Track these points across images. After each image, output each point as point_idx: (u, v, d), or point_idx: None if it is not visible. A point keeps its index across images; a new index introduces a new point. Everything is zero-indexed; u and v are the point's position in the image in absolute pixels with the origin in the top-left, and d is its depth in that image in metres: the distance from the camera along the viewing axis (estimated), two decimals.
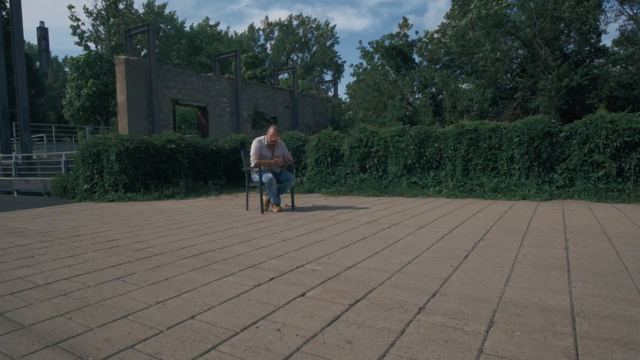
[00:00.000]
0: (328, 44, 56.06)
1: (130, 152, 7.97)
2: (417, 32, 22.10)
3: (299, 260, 2.86)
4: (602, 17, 17.62)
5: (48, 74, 27.67)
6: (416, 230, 3.88)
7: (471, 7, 18.46)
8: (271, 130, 5.37)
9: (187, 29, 43.51)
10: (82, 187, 8.20)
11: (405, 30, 22.29)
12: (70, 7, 16.22)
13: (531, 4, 17.96)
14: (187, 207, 6.40)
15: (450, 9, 21.62)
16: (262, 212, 5.36)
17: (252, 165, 5.35)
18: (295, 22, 55.17)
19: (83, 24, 17.04)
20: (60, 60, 41.86)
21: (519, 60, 20.76)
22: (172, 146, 8.67)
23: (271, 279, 2.46)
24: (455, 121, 15.92)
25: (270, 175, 5.26)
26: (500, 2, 17.83)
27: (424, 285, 2.28)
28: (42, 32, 50.01)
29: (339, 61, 55.98)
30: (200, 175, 9.29)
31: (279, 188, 5.52)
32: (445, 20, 23.61)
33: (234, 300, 2.14)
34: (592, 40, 17.47)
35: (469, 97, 17.90)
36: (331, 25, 55.44)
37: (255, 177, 5.50)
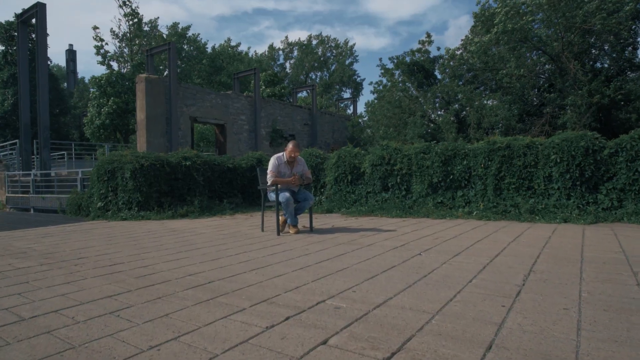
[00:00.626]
0: (347, 62, 56.36)
1: (145, 169, 7.77)
2: (438, 48, 21.74)
3: (319, 294, 2.45)
4: (636, 28, 16.92)
5: (74, 93, 28.37)
6: (451, 258, 3.43)
7: (495, 21, 18.10)
8: (290, 145, 5.03)
9: (209, 49, 44.43)
10: (95, 205, 8.01)
11: (427, 47, 22.01)
12: (95, 27, 16.60)
13: (558, 18, 17.48)
14: (200, 227, 6.08)
15: (473, 25, 21.27)
16: (278, 234, 4.98)
17: (269, 183, 5.00)
18: (314, 42, 55.76)
19: (106, 43, 17.38)
20: (86, 80, 43.16)
21: (546, 75, 20.16)
22: (188, 163, 8.44)
23: (287, 319, 2.06)
24: (481, 138, 15.36)
25: (287, 194, 4.90)
26: (525, 17, 17.41)
27: (474, 332, 1.84)
28: (71, 54, 51.67)
29: (358, 79, 56.10)
30: (216, 194, 9.01)
31: (297, 208, 5.14)
32: (468, 36, 23.23)
33: (240, 348, 1.74)
34: (626, 53, 16.77)
35: (495, 113, 17.34)
36: (350, 44, 55.66)
37: (271, 196, 5.14)
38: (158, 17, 41.37)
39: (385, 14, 76.05)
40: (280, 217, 5.22)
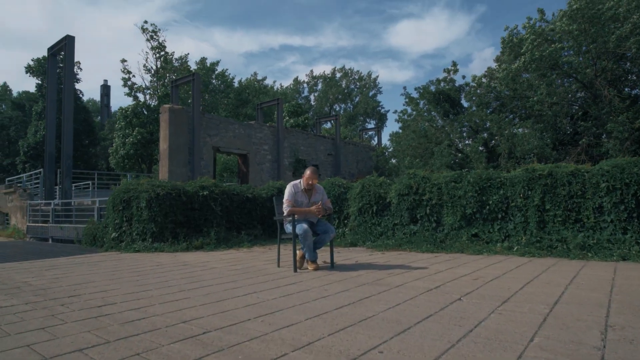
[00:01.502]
0: (371, 94, 56.61)
1: (160, 198, 7.47)
2: (464, 77, 21.32)
3: (336, 355, 1.91)
4: None
5: (105, 125, 29.25)
6: (500, 305, 2.82)
7: (523, 49, 17.60)
8: (308, 172, 4.59)
9: (236, 84, 45.55)
10: (110, 236, 7.73)
11: (452, 75, 21.62)
12: (123, 60, 17.08)
13: (589, 44, 16.85)
14: (212, 261, 5.62)
15: (500, 52, 20.80)
16: (295, 271, 4.46)
17: (285, 213, 4.54)
18: (338, 75, 56.49)
19: (133, 76, 17.80)
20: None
21: (580, 102, 19.31)
22: (205, 193, 8.12)
23: None
24: (513, 168, 14.56)
25: (305, 226, 4.41)
26: (554, 44, 16.86)
27: None
28: (105, 89, 53.93)
29: (382, 110, 56.07)
30: (234, 225, 8.61)
31: (316, 241, 4.64)
32: (494, 65, 22.78)
33: None
34: None
35: (527, 141, 16.55)
36: (374, 76, 56.10)
37: (288, 228, 4.67)
38: (188, 54, 42.88)
39: (408, 48, 76.90)
40: (297, 252, 4.72)
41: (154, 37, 17.99)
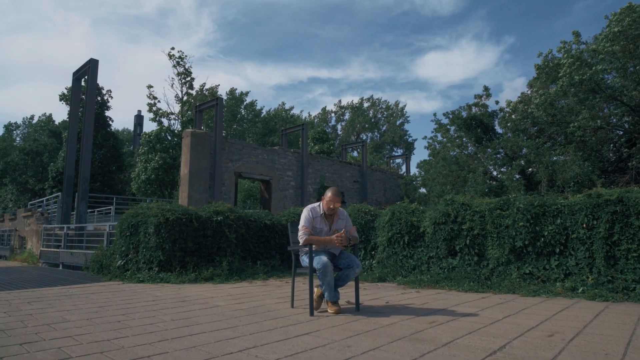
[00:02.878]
0: (398, 122, 56.01)
1: (170, 224, 6.83)
2: (497, 102, 20.30)
3: None
4: None
5: (135, 153, 29.59)
6: None
7: (560, 74, 16.59)
8: (329, 194, 3.81)
9: (264, 113, 45.98)
10: (115, 264, 7.10)
11: (484, 100, 20.68)
12: (149, 86, 17.13)
13: (635, 66, 15.70)
14: (218, 297, 4.84)
15: (534, 77, 19.78)
16: (312, 314, 3.61)
17: (300, 243, 3.74)
18: (366, 105, 56.40)
19: (159, 101, 17.82)
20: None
21: (626, 127, 17.90)
22: (219, 218, 7.44)
23: None
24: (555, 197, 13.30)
25: (324, 258, 3.59)
26: (595, 66, 15.80)
27: None
28: (138, 119, 55.65)
29: (410, 139, 55.20)
30: (250, 254, 7.85)
31: (338, 278, 3.79)
32: (527, 91, 21.79)
33: None
34: None
35: (570, 169, 15.29)
36: (401, 105, 55.62)
37: (304, 260, 3.86)
38: (219, 85, 43.80)
39: (436, 79, 76.50)
40: (315, 289, 3.88)
41: (180, 63, 18.06)
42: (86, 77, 12.66)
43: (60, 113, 77.76)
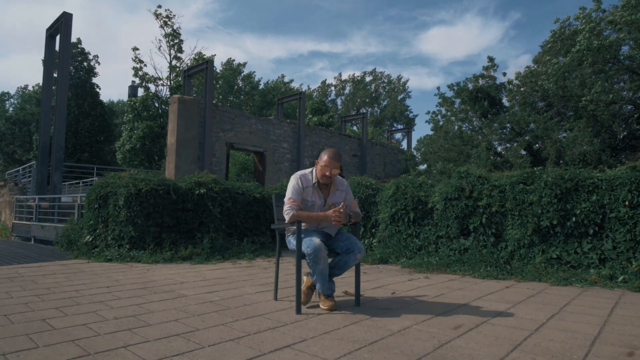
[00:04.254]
0: (399, 98, 54.69)
1: (143, 195, 5.98)
2: (504, 74, 19.18)
3: None
4: None
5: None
6: None
7: (578, 38, 15.48)
8: (325, 157, 2.93)
9: (262, 85, 44.49)
10: (83, 240, 6.29)
11: (492, 72, 19.56)
12: (135, 48, 15.90)
13: None
14: (189, 283, 4.03)
15: (550, 46, 18.53)
16: (299, 311, 2.79)
17: (286, 219, 2.89)
18: (367, 78, 54.91)
19: (145, 65, 16.64)
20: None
21: (639, 102, 16.92)
22: (202, 191, 6.58)
23: None
24: None
25: (317, 240, 2.74)
26: (610, 37, 14.72)
27: None
28: (132, 90, 54.33)
29: (411, 115, 53.99)
30: (237, 230, 7.04)
31: (334, 265, 2.97)
32: (532, 65, 20.73)
33: None
34: None
35: (580, 144, 14.41)
36: (403, 80, 54.13)
37: (291, 242, 3.03)
38: (214, 55, 42.15)
39: (438, 54, 74.23)
40: (304, 278, 3.06)
41: (168, 23, 16.74)
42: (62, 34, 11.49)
43: None
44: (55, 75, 12.65)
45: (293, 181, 2.96)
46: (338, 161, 2.91)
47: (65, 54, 11.27)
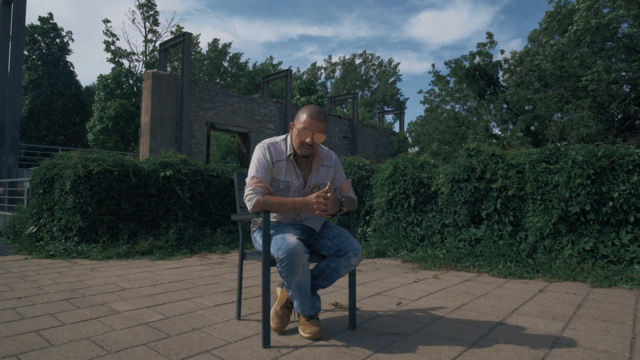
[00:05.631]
0: (390, 81, 53.65)
1: (94, 178, 5.00)
2: (502, 51, 18.29)
3: None
4: None
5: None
6: None
7: (575, 17, 14.56)
8: (304, 116, 2.00)
9: (250, 67, 42.95)
10: (27, 231, 5.32)
11: (488, 49, 18.64)
12: (106, 20, 14.55)
13: None
14: (134, 288, 3.12)
15: (545, 27, 17.58)
16: (266, 344, 1.89)
17: (249, 208, 1.97)
18: (357, 61, 53.64)
19: (118, 39, 15.32)
20: None
21: (636, 82, 16.16)
22: (168, 173, 5.62)
23: None
24: None
25: (292, 240, 1.84)
26: (609, 15, 13.84)
27: None
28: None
29: (401, 98, 53.03)
30: (211, 218, 6.12)
31: (318, 273, 2.07)
32: (529, 44, 19.90)
33: None
34: None
35: (585, 124, 13.67)
36: (394, 63, 52.96)
37: (257, 240, 2.12)
38: (200, 34, 40.24)
39: (428, 39, 72.94)
40: (277, 291, 2.17)
41: None
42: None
43: None
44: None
45: (258, 152, 2.04)
46: (323, 121, 1.99)
47: (20, 22, 10.03)
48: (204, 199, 6.09)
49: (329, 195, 1.88)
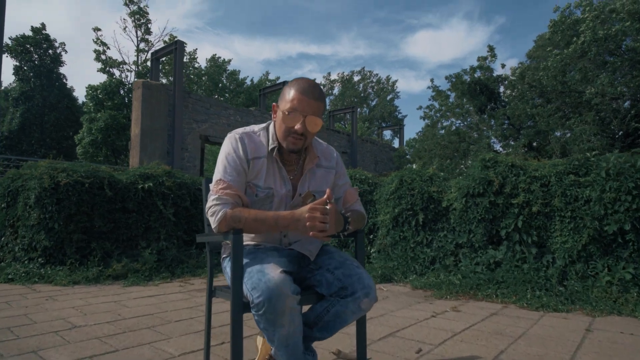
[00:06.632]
0: (388, 98, 53.72)
1: (62, 191, 4.43)
2: (503, 66, 17.96)
3: None
4: None
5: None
6: None
7: (581, 28, 14.24)
8: (292, 92, 1.42)
9: (248, 83, 42.87)
10: None
11: (489, 63, 18.31)
12: (97, 29, 14.19)
13: None
14: (87, 325, 2.53)
15: (547, 34, 17.32)
16: None
17: (213, 224, 1.40)
18: (356, 78, 53.78)
19: (108, 48, 14.94)
20: None
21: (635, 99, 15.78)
22: (148, 185, 5.05)
23: None
24: None
25: (274, 273, 1.28)
26: (614, 27, 13.53)
27: None
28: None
29: (399, 115, 52.95)
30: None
31: (315, 320, 1.49)
32: (526, 61, 19.70)
33: None
34: None
35: (588, 139, 13.23)
36: (392, 80, 53.13)
37: (227, 270, 1.54)
38: (197, 49, 40.19)
39: (425, 58, 73.77)
40: (259, 342, 1.58)
41: (133, 0, 15.02)
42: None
43: None
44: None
45: (227, 146, 1.49)
46: (318, 100, 1.43)
47: None
48: (190, 215, 5.50)
49: (328, 207, 1.31)
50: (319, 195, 1.48)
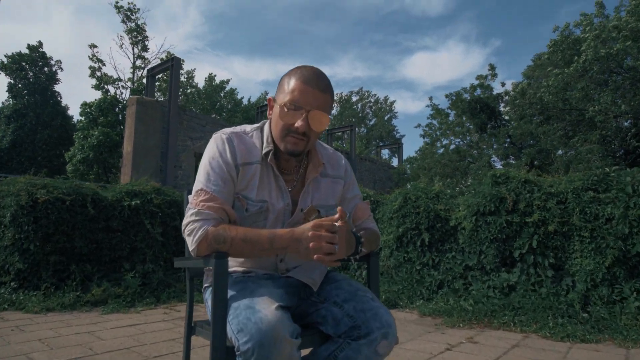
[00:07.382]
0: (386, 117, 54.06)
1: (40, 209, 4.10)
2: (503, 84, 17.93)
3: None
4: None
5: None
6: None
7: (582, 47, 14.24)
8: (292, 81, 1.13)
9: (246, 103, 43.09)
10: None
11: (489, 81, 18.31)
12: (93, 45, 14.08)
13: None
14: None
15: (546, 54, 17.37)
16: None
17: (191, 246, 1.09)
18: (354, 98, 54.20)
19: (104, 64, 14.82)
20: None
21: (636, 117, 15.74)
22: (135, 203, 4.73)
23: None
24: None
25: (268, 311, 0.98)
26: (616, 46, 13.54)
27: None
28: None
29: (397, 135, 53.14)
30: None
31: None
32: (523, 81, 19.80)
33: None
34: None
35: (593, 158, 13.07)
36: (390, 100, 53.58)
37: (208, 304, 1.22)
38: (195, 69, 40.51)
39: (422, 79, 74.94)
40: None
41: (131, 17, 14.99)
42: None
43: None
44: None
45: (212, 148, 1.18)
46: (325, 91, 1.15)
47: None
48: (179, 235, 5.15)
49: (337, 224, 1.01)
50: (325, 211, 1.18)
